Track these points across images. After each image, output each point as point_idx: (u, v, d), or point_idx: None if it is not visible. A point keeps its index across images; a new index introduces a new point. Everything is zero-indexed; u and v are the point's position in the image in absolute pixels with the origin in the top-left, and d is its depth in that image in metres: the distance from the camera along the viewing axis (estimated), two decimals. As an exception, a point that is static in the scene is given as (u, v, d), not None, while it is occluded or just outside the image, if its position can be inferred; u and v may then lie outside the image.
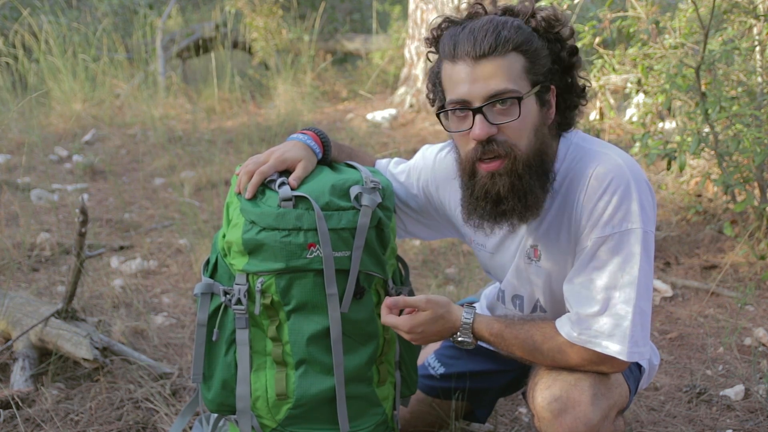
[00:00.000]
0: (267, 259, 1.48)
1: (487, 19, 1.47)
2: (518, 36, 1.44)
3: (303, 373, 1.53)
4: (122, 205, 4.05)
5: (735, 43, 3.15)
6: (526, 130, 1.46)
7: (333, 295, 1.49)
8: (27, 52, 6.25)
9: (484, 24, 1.45)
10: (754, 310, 2.88)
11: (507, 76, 1.43)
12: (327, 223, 1.47)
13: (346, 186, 1.52)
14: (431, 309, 1.51)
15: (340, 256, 1.49)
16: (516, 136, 1.45)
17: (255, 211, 1.48)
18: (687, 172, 3.65)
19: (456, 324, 1.54)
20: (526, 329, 1.53)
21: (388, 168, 1.84)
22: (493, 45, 1.42)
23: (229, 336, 1.55)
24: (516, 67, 1.44)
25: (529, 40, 1.45)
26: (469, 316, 1.54)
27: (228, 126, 5.55)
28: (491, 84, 1.43)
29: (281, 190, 1.48)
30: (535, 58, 1.46)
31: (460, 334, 1.54)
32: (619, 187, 1.45)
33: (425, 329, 1.52)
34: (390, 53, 6.86)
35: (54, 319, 2.35)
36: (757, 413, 2.20)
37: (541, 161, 1.49)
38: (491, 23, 1.45)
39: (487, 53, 1.43)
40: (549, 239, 1.57)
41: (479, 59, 1.43)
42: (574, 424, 1.46)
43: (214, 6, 7.87)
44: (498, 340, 1.54)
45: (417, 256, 3.45)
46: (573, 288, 1.50)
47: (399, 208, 1.81)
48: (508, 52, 1.43)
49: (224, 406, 1.58)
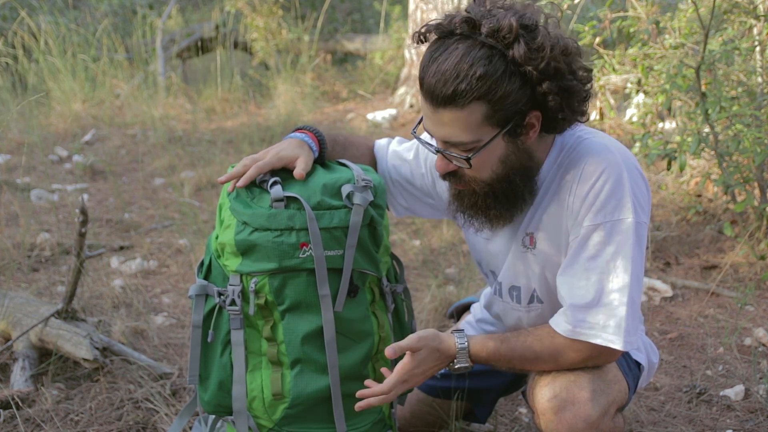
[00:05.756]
0: (260, 259, 1.48)
1: (456, 59, 1.37)
2: (480, 87, 1.37)
3: (298, 372, 1.53)
4: (122, 205, 4.05)
5: (735, 43, 3.15)
6: (489, 164, 1.48)
7: (325, 296, 1.49)
8: (26, 52, 6.25)
9: (450, 68, 1.37)
10: (754, 310, 2.88)
11: (464, 128, 1.41)
12: (319, 222, 1.47)
13: (337, 185, 1.52)
14: (424, 346, 1.50)
15: (333, 255, 1.49)
16: (476, 171, 1.49)
17: (247, 212, 1.48)
18: (687, 172, 3.64)
19: (451, 352, 1.52)
20: (522, 340, 1.53)
21: (390, 146, 1.83)
22: (449, 98, 1.38)
23: (225, 337, 1.55)
24: (475, 117, 1.40)
25: (493, 89, 1.38)
26: (463, 340, 1.52)
27: (228, 126, 5.55)
28: (448, 132, 1.43)
29: (273, 191, 1.48)
30: (502, 101, 1.39)
31: (458, 361, 1.53)
32: (611, 176, 1.46)
33: (425, 368, 1.51)
34: (390, 53, 6.86)
35: (54, 319, 2.35)
36: (757, 413, 2.20)
37: (511, 181, 1.50)
38: (456, 68, 1.37)
39: (445, 104, 1.39)
40: (544, 227, 1.57)
41: (437, 107, 1.41)
42: (573, 421, 1.47)
43: (214, 6, 7.87)
44: (496, 357, 1.53)
45: (417, 256, 3.45)
46: (566, 280, 1.51)
47: (401, 184, 1.80)
48: (466, 104, 1.38)
49: (221, 407, 1.58)
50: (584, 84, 1.46)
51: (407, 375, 1.50)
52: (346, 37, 7.51)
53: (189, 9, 8.85)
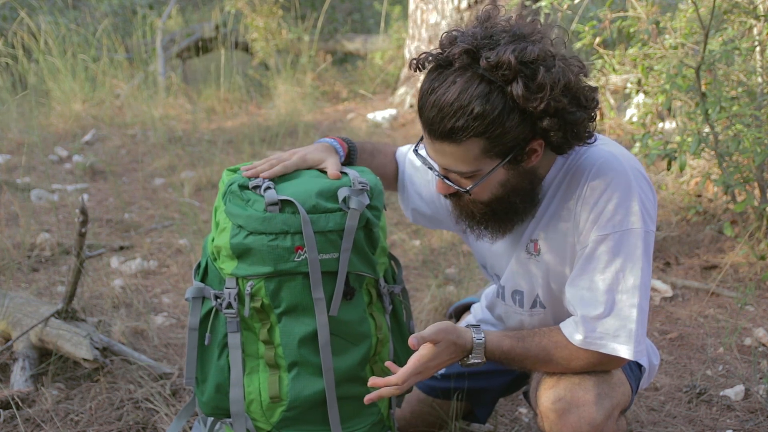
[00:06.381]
0: (255, 263, 1.48)
1: (454, 94, 1.36)
2: (478, 126, 1.36)
3: (296, 375, 1.53)
4: (122, 205, 4.05)
5: (735, 44, 3.15)
6: (488, 189, 1.48)
7: (320, 300, 1.49)
8: (26, 52, 6.25)
9: (449, 101, 1.36)
10: (754, 310, 2.88)
11: (462, 161, 1.42)
12: (314, 225, 1.47)
13: (333, 188, 1.52)
14: (443, 338, 1.49)
15: (328, 258, 1.49)
16: (476, 195, 1.49)
17: (242, 215, 1.48)
18: (687, 172, 3.64)
19: (467, 346, 1.51)
20: (537, 341, 1.52)
21: (408, 155, 1.84)
22: (447, 134, 1.38)
23: (222, 340, 1.55)
24: (474, 152, 1.41)
25: (490, 128, 1.37)
26: (480, 336, 1.52)
27: (228, 126, 5.55)
28: (447, 162, 1.45)
29: (267, 194, 1.48)
30: (500, 138, 1.39)
31: (472, 356, 1.52)
32: (619, 185, 1.46)
33: (439, 361, 1.50)
34: (390, 53, 6.86)
35: (54, 319, 2.35)
36: (757, 413, 2.20)
37: (508, 203, 1.51)
38: (456, 102, 1.35)
39: (443, 138, 1.40)
40: (548, 234, 1.57)
41: (435, 139, 1.41)
42: (578, 424, 1.47)
43: (214, 6, 7.87)
44: (510, 356, 1.53)
45: (417, 256, 3.45)
46: (576, 291, 1.50)
47: (413, 196, 1.82)
48: (465, 140, 1.38)
49: (219, 409, 1.58)
50: (589, 110, 1.43)
51: (422, 367, 1.48)
52: (346, 37, 7.51)
53: (189, 9, 8.86)
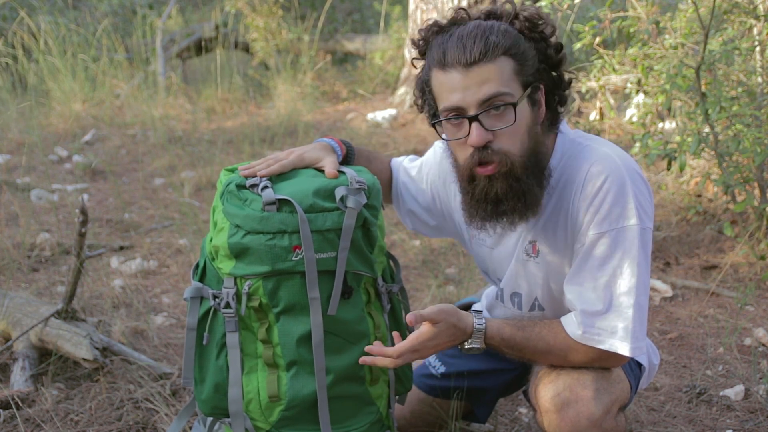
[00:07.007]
0: (253, 262, 1.48)
1: (474, 25, 1.47)
2: (506, 40, 1.45)
3: (294, 374, 1.53)
4: (122, 205, 4.05)
5: (735, 44, 3.15)
6: (520, 134, 1.48)
7: (315, 299, 1.49)
8: (26, 52, 6.25)
9: (472, 30, 1.45)
10: (754, 310, 2.88)
11: (499, 81, 1.44)
12: (312, 224, 1.46)
13: (330, 187, 1.52)
14: (443, 319, 1.49)
15: (326, 257, 1.49)
16: (510, 141, 1.47)
17: (240, 215, 1.48)
18: (687, 172, 3.64)
19: (468, 331, 1.52)
20: (537, 331, 1.53)
21: (402, 163, 1.86)
22: (482, 51, 1.43)
23: (220, 339, 1.55)
24: (507, 70, 1.45)
25: (516, 43, 1.46)
26: (481, 321, 1.52)
27: (228, 126, 5.55)
28: (484, 89, 1.44)
29: (264, 194, 1.48)
30: (524, 59, 1.47)
31: (472, 341, 1.53)
32: (614, 183, 1.47)
33: (438, 342, 1.50)
34: (390, 53, 6.86)
35: (54, 319, 2.35)
36: (757, 413, 2.20)
37: (536, 160, 1.51)
38: (479, 29, 1.45)
39: (478, 60, 1.43)
40: (547, 235, 1.58)
41: (470, 66, 1.44)
42: (576, 419, 1.47)
43: (214, 6, 7.87)
44: (510, 343, 1.53)
45: (417, 256, 3.45)
46: (574, 288, 1.51)
47: (409, 203, 1.84)
48: (497, 56, 1.44)
49: (218, 408, 1.58)
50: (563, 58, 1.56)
51: (420, 345, 1.49)
52: (346, 37, 7.51)
53: (189, 9, 8.86)
